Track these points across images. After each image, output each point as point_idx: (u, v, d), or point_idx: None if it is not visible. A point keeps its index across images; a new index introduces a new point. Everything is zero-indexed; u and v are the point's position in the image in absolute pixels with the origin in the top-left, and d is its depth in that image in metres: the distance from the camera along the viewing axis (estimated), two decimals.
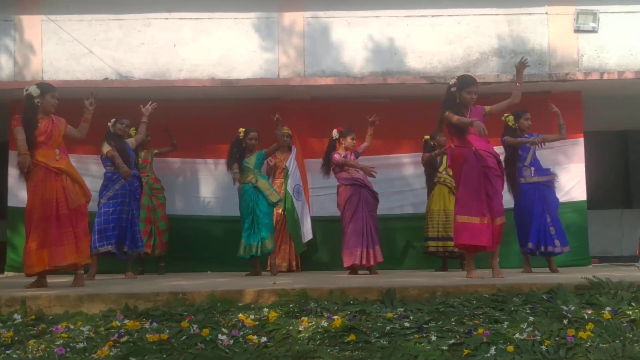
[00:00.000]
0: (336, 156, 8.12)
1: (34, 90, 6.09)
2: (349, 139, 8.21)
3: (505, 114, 7.74)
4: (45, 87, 6.22)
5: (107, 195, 7.79)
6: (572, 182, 9.56)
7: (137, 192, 8.04)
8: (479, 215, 6.13)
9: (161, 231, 8.88)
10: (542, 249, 7.57)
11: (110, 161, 7.78)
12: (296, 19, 9.61)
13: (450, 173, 8.19)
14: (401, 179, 9.65)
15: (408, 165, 9.73)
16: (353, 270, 7.97)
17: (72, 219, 6.01)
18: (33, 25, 9.59)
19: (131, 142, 8.10)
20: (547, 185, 7.76)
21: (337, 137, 8.26)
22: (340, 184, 8.17)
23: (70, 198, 6.02)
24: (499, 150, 7.35)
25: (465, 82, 6.37)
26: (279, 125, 8.21)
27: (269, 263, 8.32)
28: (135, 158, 8.23)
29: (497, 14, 9.61)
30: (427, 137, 8.79)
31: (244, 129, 8.28)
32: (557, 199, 8.00)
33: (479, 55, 9.61)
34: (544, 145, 7.68)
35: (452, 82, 6.45)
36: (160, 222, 8.87)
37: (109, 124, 8.01)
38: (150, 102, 8.15)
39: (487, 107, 6.40)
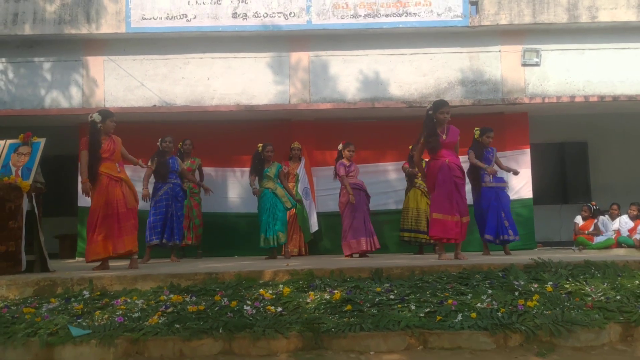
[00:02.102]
0: (341, 170, 8.01)
1: (96, 116, 6.05)
2: (346, 151, 8.12)
3: (475, 128, 7.74)
4: (105, 113, 6.15)
5: (154, 200, 7.88)
6: (521, 183, 9.53)
7: (179, 196, 8.01)
8: (450, 214, 6.13)
9: (196, 226, 8.80)
10: (501, 237, 7.55)
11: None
12: (302, 57, 9.61)
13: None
14: (386, 182, 9.63)
15: (391, 171, 9.70)
16: (351, 256, 7.93)
17: (128, 216, 6.00)
18: (97, 64, 9.60)
19: (180, 165, 8.15)
20: (501, 188, 7.75)
21: (340, 148, 8.19)
22: (343, 187, 8.13)
23: (128, 200, 6.01)
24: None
25: (438, 105, 6.31)
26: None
27: (283, 249, 8.31)
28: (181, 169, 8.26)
29: (461, 52, 9.60)
30: (410, 147, 8.77)
31: (262, 144, 8.23)
32: (509, 198, 7.98)
33: (447, 85, 9.60)
34: (495, 173, 7.67)
35: (428, 106, 6.38)
36: (196, 219, 8.80)
37: (158, 143, 8.04)
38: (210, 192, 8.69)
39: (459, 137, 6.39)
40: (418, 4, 9.29)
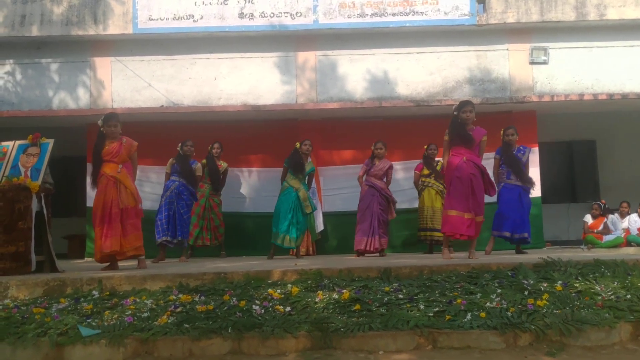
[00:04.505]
0: (360, 171, 8.26)
1: (100, 122, 6.07)
2: (375, 148, 8.18)
3: (502, 129, 7.79)
4: (106, 118, 6.09)
5: (162, 199, 7.97)
6: None
7: (183, 194, 7.92)
8: (464, 210, 6.09)
9: (216, 226, 8.74)
10: (517, 235, 7.46)
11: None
12: (309, 57, 9.62)
13: (439, 180, 8.27)
14: (394, 181, 9.55)
15: (399, 170, 9.66)
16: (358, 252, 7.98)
17: (121, 216, 5.90)
18: (104, 65, 9.65)
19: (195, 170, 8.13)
20: (526, 189, 7.64)
21: (372, 147, 8.21)
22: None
23: (121, 200, 5.91)
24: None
25: (461, 104, 6.24)
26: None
27: (292, 250, 8.32)
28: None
29: (468, 51, 9.58)
30: (425, 147, 8.77)
31: (300, 141, 8.14)
32: (531, 202, 7.86)
33: (455, 83, 9.58)
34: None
35: (453, 107, 6.35)
36: (215, 219, 8.74)
37: (178, 147, 8.05)
38: None
39: (485, 138, 6.31)
40: (425, 3, 9.28)
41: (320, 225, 9.24)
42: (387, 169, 8.14)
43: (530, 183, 7.65)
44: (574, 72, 9.53)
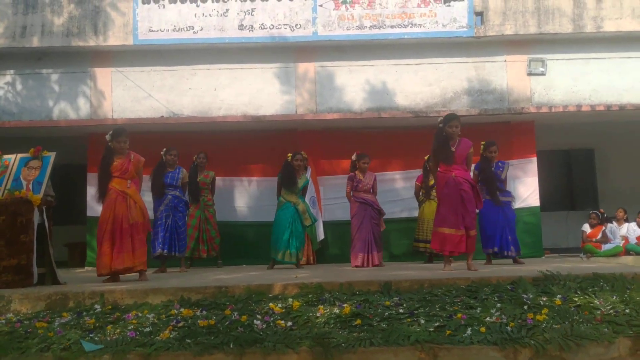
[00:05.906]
0: (347, 187, 7.99)
1: (108, 135, 6.08)
2: (361, 163, 7.93)
3: (482, 142, 7.70)
4: (115, 133, 6.08)
5: (157, 212, 7.87)
6: (528, 191, 9.56)
7: (179, 206, 7.92)
8: (454, 227, 6.08)
9: (212, 237, 8.67)
10: (504, 253, 7.51)
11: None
12: (309, 68, 9.67)
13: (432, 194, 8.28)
14: (393, 191, 9.65)
15: (399, 180, 9.74)
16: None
17: (131, 232, 5.94)
18: (105, 76, 9.69)
19: (182, 178, 8.05)
20: (507, 203, 7.67)
21: (354, 159, 8.04)
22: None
23: (131, 216, 5.95)
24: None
25: (448, 118, 6.21)
26: None
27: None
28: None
29: (466, 62, 9.64)
30: (426, 157, 8.71)
31: (291, 153, 7.97)
32: (514, 214, 7.90)
33: (453, 94, 9.63)
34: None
35: (439, 120, 6.34)
36: (212, 230, 8.67)
37: (162, 153, 8.03)
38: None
39: (472, 150, 6.25)
40: (423, 15, 9.34)
41: (321, 235, 9.27)
42: (374, 181, 8.08)
43: (499, 201, 7.53)
44: (572, 83, 9.59)
